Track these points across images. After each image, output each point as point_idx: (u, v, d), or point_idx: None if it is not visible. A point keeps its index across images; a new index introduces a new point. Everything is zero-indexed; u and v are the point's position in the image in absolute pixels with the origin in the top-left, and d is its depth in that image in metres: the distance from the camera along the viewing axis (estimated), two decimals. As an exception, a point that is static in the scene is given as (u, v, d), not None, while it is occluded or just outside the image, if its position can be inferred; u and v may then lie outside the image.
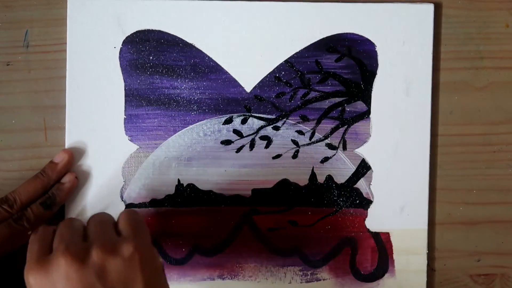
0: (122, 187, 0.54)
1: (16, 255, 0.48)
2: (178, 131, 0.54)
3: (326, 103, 0.55)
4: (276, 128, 0.55)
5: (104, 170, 0.54)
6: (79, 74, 0.53)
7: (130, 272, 0.41)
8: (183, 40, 0.54)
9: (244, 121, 0.55)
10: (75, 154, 0.53)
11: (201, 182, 0.54)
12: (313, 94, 0.55)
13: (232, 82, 0.54)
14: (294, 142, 0.55)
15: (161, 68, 0.54)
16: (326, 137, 0.55)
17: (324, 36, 0.54)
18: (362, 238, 0.55)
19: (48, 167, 0.52)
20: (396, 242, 0.55)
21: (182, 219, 0.54)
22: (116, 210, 0.53)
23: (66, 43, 0.53)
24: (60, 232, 0.43)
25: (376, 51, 0.55)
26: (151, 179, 0.54)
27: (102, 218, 0.45)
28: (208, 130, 0.54)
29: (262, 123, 0.55)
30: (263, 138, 0.55)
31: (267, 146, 0.55)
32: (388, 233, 0.55)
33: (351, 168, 0.55)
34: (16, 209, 0.50)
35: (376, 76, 0.55)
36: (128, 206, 0.54)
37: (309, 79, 0.55)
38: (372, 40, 0.55)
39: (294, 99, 0.55)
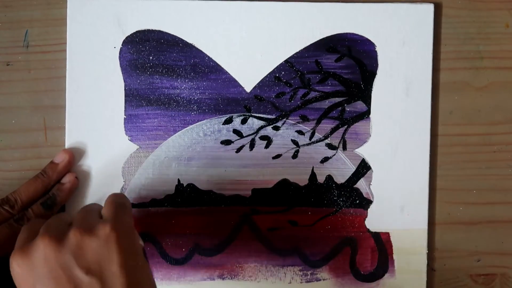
0: (122, 187, 0.54)
1: None
2: (178, 131, 0.54)
3: (326, 103, 0.55)
4: (276, 128, 0.55)
5: (104, 170, 0.54)
6: (79, 74, 0.53)
7: (106, 252, 0.41)
8: (183, 40, 0.54)
9: (244, 121, 0.55)
10: (75, 154, 0.53)
11: (201, 182, 0.54)
12: (313, 94, 0.55)
13: (232, 82, 0.54)
14: (294, 142, 0.55)
15: (161, 68, 0.54)
16: (326, 137, 0.55)
17: (324, 36, 0.54)
18: (362, 238, 0.55)
19: (48, 168, 0.52)
20: (396, 242, 0.55)
21: (182, 219, 0.54)
22: (116, 210, 0.53)
23: (66, 43, 0.53)
24: (47, 222, 0.44)
25: (376, 51, 0.55)
26: (151, 179, 0.54)
27: (89, 207, 0.46)
28: (208, 130, 0.54)
29: (262, 123, 0.55)
30: (263, 138, 0.55)
31: (267, 146, 0.55)
32: (388, 233, 0.55)
33: (351, 168, 0.55)
34: (17, 210, 0.50)
35: (376, 76, 0.55)
36: (128, 206, 0.54)
37: (309, 79, 0.55)
38: (372, 40, 0.55)
39: (294, 99, 0.55)
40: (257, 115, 0.55)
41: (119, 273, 0.40)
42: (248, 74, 0.54)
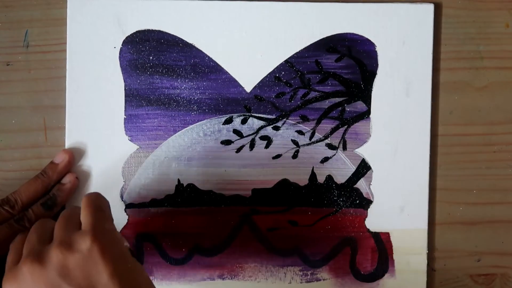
0: (122, 187, 0.54)
1: None
2: (178, 131, 0.54)
3: (326, 103, 0.55)
4: (276, 128, 0.55)
5: (104, 170, 0.54)
6: (79, 74, 0.53)
7: (92, 265, 0.40)
8: (183, 40, 0.54)
9: (244, 121, 0.55)
10: (75, 154, 0.53)
11: (201, 182, 0.54)
12: (313, 94, 0.55)
13: (232, 82, 0.54)
14: (294, 142, 0.55)
15: (161, 68, 0.54)
16: (326, 137, 0.55)
17: (324, 36, 0.54)
18: (362, 238, 0.55)
19: (48, 168, 0.52)
20: (396, 242, 0.55)
21: (182, 219, 0.54)
22: (116, 210, 0.53)
23: (66, 43, 0.53)
24: (28, 238, 0.43)
25: (376, 51, 0.55)
26: (151, 179, 0.54)
27: (66, 214, 0.45)
28: (208, 130, 0.54)
29: (262, 123, 0.55)
30: (263, 138, 0.55)
31: (267, 146, 0.55)
32: (388, 233, 0.55)
33: (351, 168, 0.55)
34: (17, 210, 0.50)
35: (376, 76, 0.55)
36: (128, 206, 0.54)
37: (309, 79, 0.55)
38: (372, 40, 0.55)
39: (294, 99, 0.55)
40: (257, 115, 0.55)
41: (111, 283, 0.40)
42: (248, 74, 0.54)
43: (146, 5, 0.54)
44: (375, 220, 0.55)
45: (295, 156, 0.55)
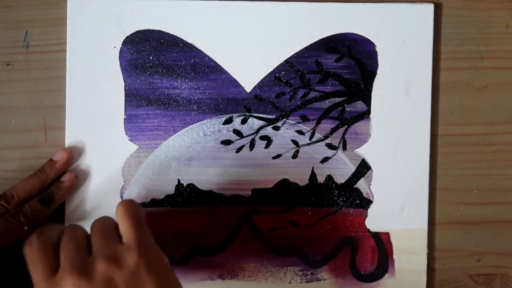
0: (122, 187, 0.54)
1: (11, 249, 0.48)
2: (178, 131, 0.54)
3: (326, 103, 0.55)
4: (276, 128, 0.55)
5: (104, 170, 0.54)
6: (79, 74, 0.53)
7: (138, 280, 0.40)
8: (183, 40, 0.54)
9: (244, 121, 0.55)
10: (75, 154, 0.53)
11: (201, 182, 0.54)
12: (313, 94, 0.55)
13: (232, 82, 0.54)
14: (294, 142, 0.55)
15: (161, 68, 0.54)
16: (326, 137, 0.55)
17: (324, 36, 0.54)
18: (362, 238, 0.55)
19: (46, 165, 0.52)
20: (396, 242, 0.55)
21: (182, 219, 0.54)
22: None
23: (66, 43, 0.53)
24: (65, 247, 0.42)
25: (376, 51, 0.55)
26: (151, 179, 0.54)
27: (103, 225, 0.44)
28: (208, 130, 0.54)
29: (262, 123, 0.55)
30: (263, 138, 0.55)
31: (267, 146, 0.55)
32: (388, 233, 0.55)
33: (351, 168, 0.55)
34: (13, 205, 0.50)
35: (376, 76, 0.55)
36: (128, 206, 0.54)
37: (309, 79, 0.55)
38: (372, 40, 0.55)
39: (294, 99, 0.55)
40: (257, 115, 0.55)
41: None
42: (248, 74, 0.54)
43: (146, 5, 0.54)
44: (375, 220, 0.55)
45: (295, 156, 0.55)
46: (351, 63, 0.55)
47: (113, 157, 0.54)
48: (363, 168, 0.55)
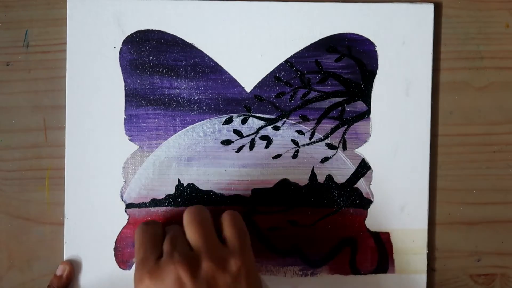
0: (122, 187, 0.54)
1: None
2: (178, 131, 0.54)
3: (326, 103, 0.55)
4: (276, 128, 0.55)
5: (104, 170, 0.54)
6: (79, 74, 0.53)
7: (237, 287, 0.42)
8: (183, 40, 0.54)
9: (244, 121, 0.55)
10: (75, 154, 0.53)
11: (201, 182, 0.54)
12: (313, 94, 0.55)
13: (232, 82, 0.54)
14: (294, 142, 0.55)
15: (161, 68, 0.54)
16: (326, 137, 0.55)
17: (324, 36, 0.54)
18: (362, 238, 0.55)
19: (54, 281, 0.52)
20: (396, 242, 0.55)
21: (182, 219, 0.54)
22: (116, 210, 0.53)
23: (66, 43, 0.53)
24: (171, 237, 0.44)
25: (376, 51, 0.55)
26: (151, 179, 0.54)
27: (201, 221, 0.45)
28: (208, 130, 0.54)
29: (262, 123, 0.55)
30: (263, 138, 0.55)
31: (267, 146, 0.55)
32: (388, 233, 0.55)
33: (351, 168, 0.55)
34: None
35: (376, 76, 0.55)
36: (128, 206, 0.54)
37: (309, 79, 0.55)
38: (372, 40, 0.55)
39: (294, 99, 0.55)
40: (257, 115, 0.55)
41: None
42: (248, 74, 0.54)
43: (146, 5, 0.54)
44: (375, 220, 0.55)
45: (295, 156, 0.55)
46: (351, 63, 0.55)
47: (113, 157, 0.54)
48: (363, 168, 0.55)
